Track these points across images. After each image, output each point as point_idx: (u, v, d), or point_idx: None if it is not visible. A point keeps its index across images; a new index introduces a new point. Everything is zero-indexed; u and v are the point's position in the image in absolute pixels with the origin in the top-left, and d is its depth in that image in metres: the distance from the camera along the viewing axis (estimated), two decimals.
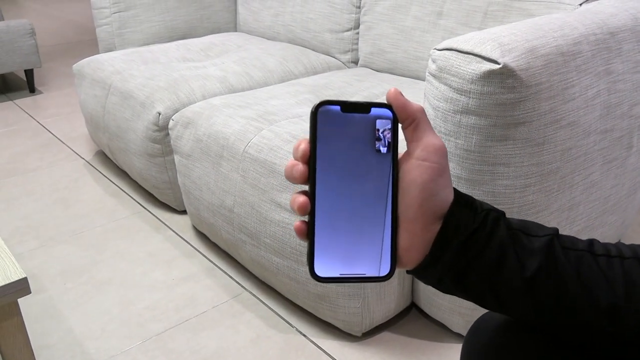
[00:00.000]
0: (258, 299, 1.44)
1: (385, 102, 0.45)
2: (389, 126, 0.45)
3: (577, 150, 1.12)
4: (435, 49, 1.06)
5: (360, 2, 1.97)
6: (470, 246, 0.45)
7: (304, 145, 0.44)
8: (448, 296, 1.24)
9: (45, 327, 1.37)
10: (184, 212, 1.86)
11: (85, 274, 1.56)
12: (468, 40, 1.01)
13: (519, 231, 0.46)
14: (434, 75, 1.06)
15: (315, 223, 0.43)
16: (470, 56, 0.99)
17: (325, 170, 0.44)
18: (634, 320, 0.44)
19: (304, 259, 1.24)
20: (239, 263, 1.57)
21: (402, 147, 0.46)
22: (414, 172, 0.44)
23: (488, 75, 0.97)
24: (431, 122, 1.09)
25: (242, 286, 1.49)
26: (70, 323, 1.38)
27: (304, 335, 1.32)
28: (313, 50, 2.14)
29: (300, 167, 0.44)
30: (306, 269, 1.25)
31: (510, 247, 0.45)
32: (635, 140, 1.29)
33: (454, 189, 0.47)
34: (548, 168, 1.08)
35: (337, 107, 0.44)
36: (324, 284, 1.25)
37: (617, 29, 1.17)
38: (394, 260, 0.45)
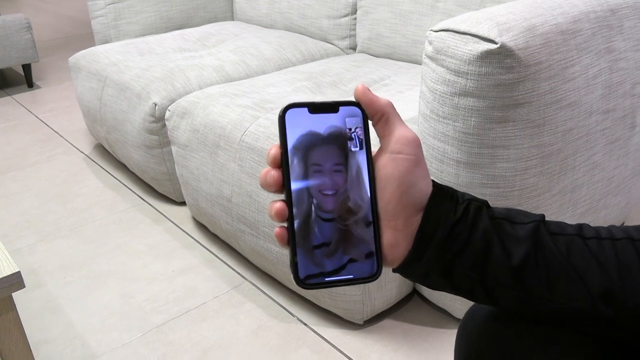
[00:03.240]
0: (258, 288, 1.43)
1: (354, 99, 0.44)
2: (360, 124, 0.44)
3: (578, 131, 1.10)
4: (431, 30, 1.03)
5: None
6: (454, 238, 0.43)
7: (274, 151, 0.42)
8: None
9: (46, 321, 1.36)
10: (183, 203, 1.85)
11: (85, 267, 1.56)
12: (465, 20, 0.99)
13: (503, 220, 0.45)
14: (430, 57, 1.04)
15: (295, 229, 0.42)
16: (467, 36, 0.97)
17: (299, 174, 0.42)
18: (631, 303, 0.42)
19: None
20: (238, 253, 1.56)
21: (375, 144, 0.45)
22: (389, 167, 0.43)
23: (485, 56, 0.94)
24: (428, 104, 1.07)
25: (242, 276, 1.48)
26: (71, 317, 1.37)
27: (305, 324, 1.31)
28: (310, 37, 2.12)
29: (274, 174, 0.42)
30: None
31: (495, 237, 0.44)
32: (639, 119, 1.27)
33: (433, 181, 0.45)
34: (549, 150, 1.06)
35: (305, 109, 0.43)
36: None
37: (618, 5, 1.14)
38: (380, 259, 0.43)
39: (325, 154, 0.43)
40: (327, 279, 0.42)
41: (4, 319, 0.87)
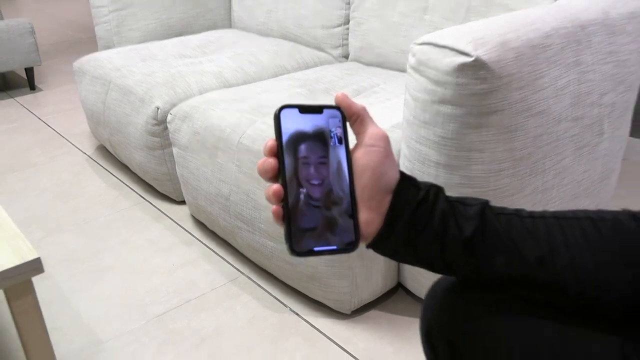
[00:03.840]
0: (254, 281, 1.53)
1: (334, 104, 0.55)
2: (340, 124, 0.54)
3: (548, 137, 1.20)
4: (414, 43, 1.14)
5: None
6: (418, 217, 0.53)
7: (271, 142, 0.52)
8: (431, 275, 1.32)
9: (54, 311, 1.45)
10: (182, 202, 1.94)
11: (89, 261, 1.65)
12: (444, 35, 1.09)
13: (456, 202, 0.55)
14: (413, 68, 1.14)
15: (290, 206, 0.51)
16: (446, 50, 1.07)
17: (292, 160, 0.52)
18: (559, 266, 0.53)
19: None
20: (235, 249, 1.66)
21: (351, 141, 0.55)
22: (365, 158, 0.53)
23: (462, 68, 1.04)
24: (411, 111, 1.17)
25: (238, 270, 1.57)
26: (77, 307, 1.46)
27: (297, 314, 1.40)
28: (305, 45, 2.22)
29: (271, 161, 0.51)
30: None
31: (451, 215, 0.54)
32: (606, 127, 1.37)
33: (401, 171, 0.55)
34: (520, 153, 1.16)
35: (296, 110, 0.53)
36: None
37: (587, 22, 1.25)
38: (357, 233, 0.53)
39: (313, 146, 0.52)
40: (315, 249, 0.51)
41: (24, 301, 0.97)
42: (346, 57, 2.13)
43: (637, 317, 0.54)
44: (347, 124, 0.55)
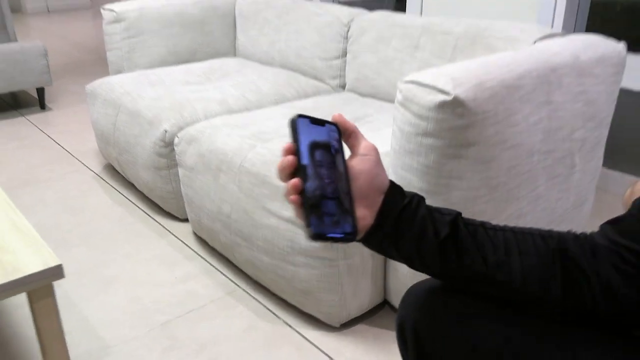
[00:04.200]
0: (250, 294, 1.64)
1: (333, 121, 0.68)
2: (337, 136, 0.67)
3: (521, 167, 1.33)
4: (401, 81, 1.27)
5: (347, 34, 2.19)
6: (403, 218, 0.66)
7: (289, 145, 0.63)
8: None
9: (64, 317, 1.55)
10: (185, 220, 2.05)
11: (96, 272, 1.76)
12: (427, 75, 1.22)
13: (435, 210, 0.68)
14: (400, 103, 1.27)
15: (308, 197, 0.61)
16: (429, 88, 1.20)
17: (308, 160, 0.63)
18: (513, 269, 0.66)
19: (291, 258, 1.44)
20: (233, 264, 1.77)
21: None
22: (360, 165, 0.66)
23: (442, 105, 1.17)
24: (398, 141, 1.30)
25: (236, 284, 1.69)
26: (85, 314, 1.57)
27: (290, 326, 1.51)
28: (304, 75, 2.36)
29: (290, 158, 0.62)
30: (292, 266, 1.44)
31: (429, 220, 0.66)
32: (578, 160, 1.50)
33: (390, 180, 0.68)
34: (495, 182, 1.29)
35: (308, 120, 0.66)
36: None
37: (558, 65, 1.38)
38: (355, 226, 0.64)
39: (323, 151, 0.64)
40: (328, 235, 0.61)
41: (46, 302, 1.08)
42: (343, 87, 2.27)
43: (583, 321, 0.66)
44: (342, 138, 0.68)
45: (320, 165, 0.63)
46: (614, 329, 0.66)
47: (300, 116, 0.65)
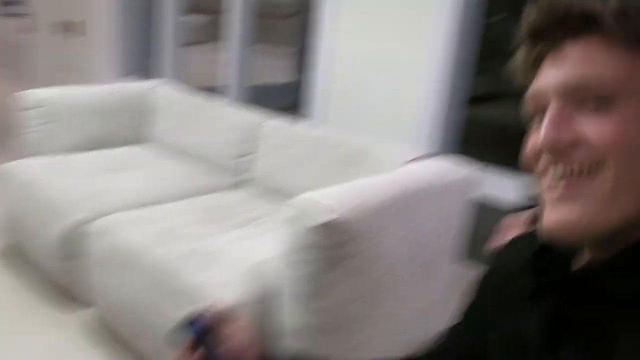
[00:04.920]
0: None
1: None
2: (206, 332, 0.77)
3: (390, 275, 1.59)
4: (293, 198, 1.50)
5: (254, 135, 2.45)
6: None
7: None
8: None
9: None
10: (88, 308, 2.13)
11: None
12: (317, 195, 1.46)
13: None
14: (290, 218, 1.49)
15: None
16: (317, 207, 1.43)
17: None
18: None
19: None
20: (139, 352, 1.88)
21: None
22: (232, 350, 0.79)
23: (329, 223, 1.40)
24: (284, 250, 1.52)
25: None
26: None
27: None
28: (214, 168, 2.56)
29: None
30: None
31: None
32: (438, 264, 1.79)
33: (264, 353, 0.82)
34: (368, 287, 1.53)
35: (187, 326, 0.77)
36: None
37: (421, 188, 1.68)
38: None
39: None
40: None
41: None
42: (250, 182, 2.49)
43: None
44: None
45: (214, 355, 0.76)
46: None
47: (184, 325, 0.76)
